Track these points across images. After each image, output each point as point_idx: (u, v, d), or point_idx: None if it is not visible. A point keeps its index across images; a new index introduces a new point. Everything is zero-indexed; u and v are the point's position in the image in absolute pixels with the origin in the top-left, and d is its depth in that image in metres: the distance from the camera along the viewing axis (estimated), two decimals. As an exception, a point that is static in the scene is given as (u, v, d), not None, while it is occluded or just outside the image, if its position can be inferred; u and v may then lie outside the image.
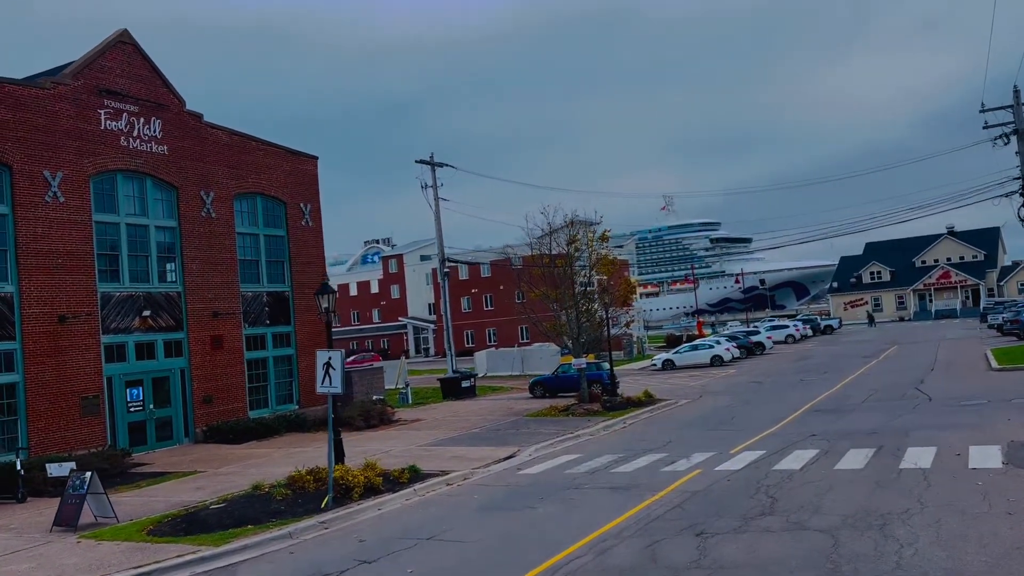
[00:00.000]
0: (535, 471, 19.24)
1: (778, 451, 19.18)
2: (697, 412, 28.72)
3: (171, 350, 28.44)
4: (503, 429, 26.72)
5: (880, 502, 13.42)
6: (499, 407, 33.72)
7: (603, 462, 19.62)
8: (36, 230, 24.25)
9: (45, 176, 24.63)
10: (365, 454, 22.65)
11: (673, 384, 40.35)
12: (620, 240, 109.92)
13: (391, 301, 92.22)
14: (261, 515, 15.39)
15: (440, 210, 43.79)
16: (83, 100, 25.99)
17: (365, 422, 29.77)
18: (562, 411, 29.83)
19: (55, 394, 24.27)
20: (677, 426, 25.39)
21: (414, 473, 18.73)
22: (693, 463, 18.46)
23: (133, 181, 27.68)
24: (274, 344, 32.37)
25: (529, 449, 22.25)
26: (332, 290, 19.85)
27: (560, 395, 36.36)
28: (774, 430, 22.82)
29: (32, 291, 24.01)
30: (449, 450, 22.89)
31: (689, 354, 51.64)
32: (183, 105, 29.47)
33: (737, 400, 31.39)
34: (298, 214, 33.87)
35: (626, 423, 27.22)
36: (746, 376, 41.82)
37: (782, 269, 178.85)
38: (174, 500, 18.18)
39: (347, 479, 16.61)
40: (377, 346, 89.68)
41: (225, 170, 30.86)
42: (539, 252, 30.77)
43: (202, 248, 29.63)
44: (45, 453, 23.33)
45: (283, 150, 33.63)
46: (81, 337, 25.17)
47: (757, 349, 58.30)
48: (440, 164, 44.21)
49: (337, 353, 16.49)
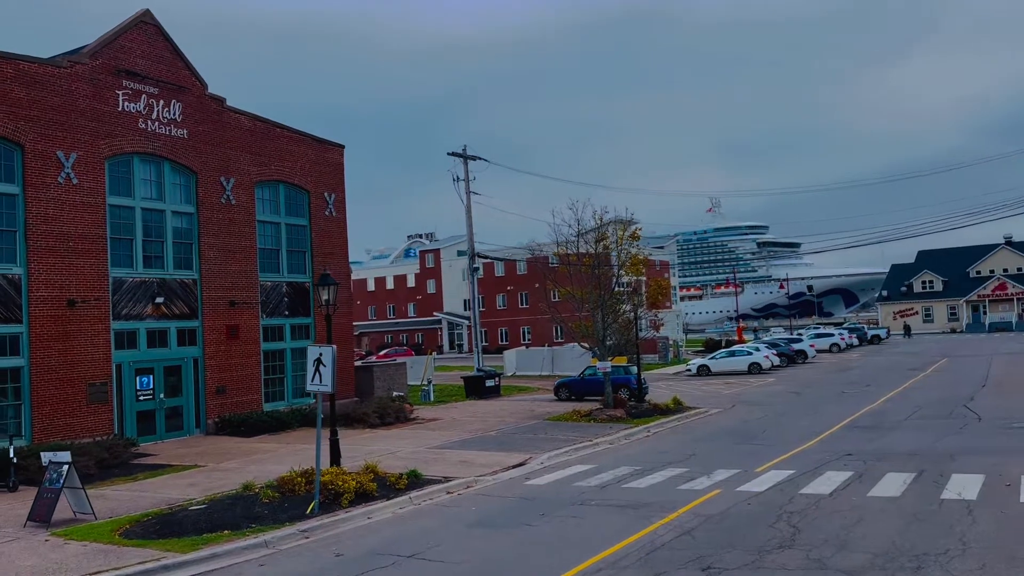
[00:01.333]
0: (543, 482, 18.01)
1: (808, 472, 17.67)
2: (727, 423, 27.20)
3: (185, 338, 27.77)
4: (519, 433, 25.52)
5: (916, 539, 11.94)
6: (520, 409, 32.52)
7: (617, 475, 18.31)
8: (47, 211, 23.70)
9: (58, 157, 24.06)
10: (370, 455, 21.68)
11: (706, 391, 38.74)
12: (661, 241, 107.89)
13: (427, 296, 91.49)
14: (241, 519, 14.42)
15: (471, 204, 42.69)
16: (101, 80, 25.40)
17: (380, 419, 28.81)
18: (584, 416, 28.53)
19: (61, 380, 23.70)
20: (703, 438, 23.93)
21: (414, 478, 17.64)
22: (713, 481, 17.06)
23: (150, 164, 27.04)
24: (292, 336, 31.58)
25: (542, 457, 21.02)
26: (334, 281, 18.86)
27: (586, 398, 35.05)
28: (806, 447, 21.27)
29: (41, 274, 23.46)
30: (458, 454, 21.77)
31: (725, 360, 49.82)
32: (205, 88, 28.79)
33: (771, 412, 29.76)
34: (322, 204, 33.04)
35: (649, 432, 25.83)
36: (784, 386, 40.02)
37: (830, 276, 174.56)
38: (161, 496, 17.35)
39: (337, 484, 15.57)
40: (412, 341, 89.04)
41: (247, 156, 30.13)
42: (566, 250, 29.48)
43: (220, 235, 28.92)
44: (49, 440, 22.76)
45: (308, 138, 32.82)
46: (90, 322, 24.58)
47: (799, 357, 56.21)
48: (472, 157, 43.10)
49: (328, 349, 15.47)
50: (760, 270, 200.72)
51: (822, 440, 22.35)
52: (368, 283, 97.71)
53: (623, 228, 29.59)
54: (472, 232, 43.40)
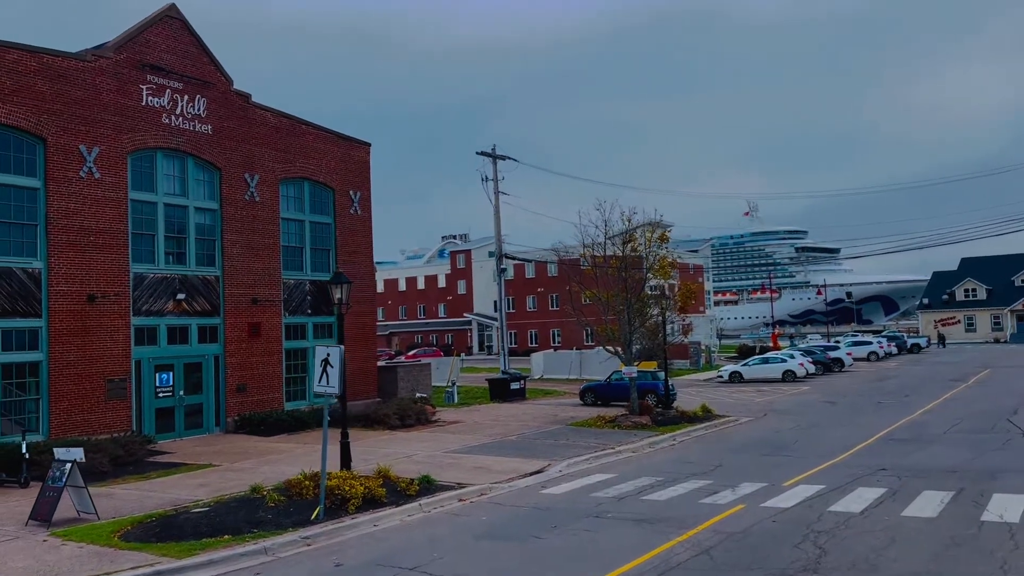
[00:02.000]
0: (559, 491, 17.35)
1: (839, 487, 16.80)
2: (757, 433, 26.28)
3: (206, 335, 27.56)
4: (540, 438, 24.87)
5: (952, 564, 11.10)
6: (544, 413, 31.86)
7: (637, 486, 17.58)
8: (68, 206, 23.59)
9: (81, 151, 23.95)
10: (386, 458, 21.18)
11: (737, 399, 37.73)
12: (696, 244, 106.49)
13: (457, 297, 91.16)
14: (243, 523, 13.98)
15: (500, 204, 42.13)
16: (125, 74, 25.27)
17: (401, 421, 28.34)
18: (608, 422, 27.79)
19: (80, 375, 23.57)
20: (730, 448, 23.08)
21: (426, 484, 17.09)
22: (738, 495, 16.27)
23: (174, 160, 26.88)
24: (315, 334, 31.26)
25: (561, 464, 20.35)
26: (347, 280, 18.42)
27: (613, 404, 34.29)
28: (838, 460, 20.34)
29: (61, 268, 23.35)
30: (476, 459, 21.19)
31: (759, 367, 48.65)
32: (230, 84, 28.58)
33: (804, 421, 28.76)
34: (347, 202, 32.70)
35: (675, 440, 25.02)
36: (818, 395, 38.86)
37: (870, 282, 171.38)
38: (169, 497, 17.00)
39: (344, 489, 15.07)
40: (442, 341, 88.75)
41: (272, 153, 29.87)
42: (592, 252, 28.76)
43: (244, 232, 28.69)
44: (66, 436, 22.66)
45: (334, 135, 32.51)
46: (110, 318, 24.44)
47: (835, 365, 54.75)
48: (501, 156, 42.55)
49: (336, 349, 14.98)
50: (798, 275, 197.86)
51: (855, 453, 21.40)
52: (399, 283, 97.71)
53: (651, 230, 28.78)
54: (500, 232, 42.84)
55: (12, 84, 22.47)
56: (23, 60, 22.78)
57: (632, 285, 28.46)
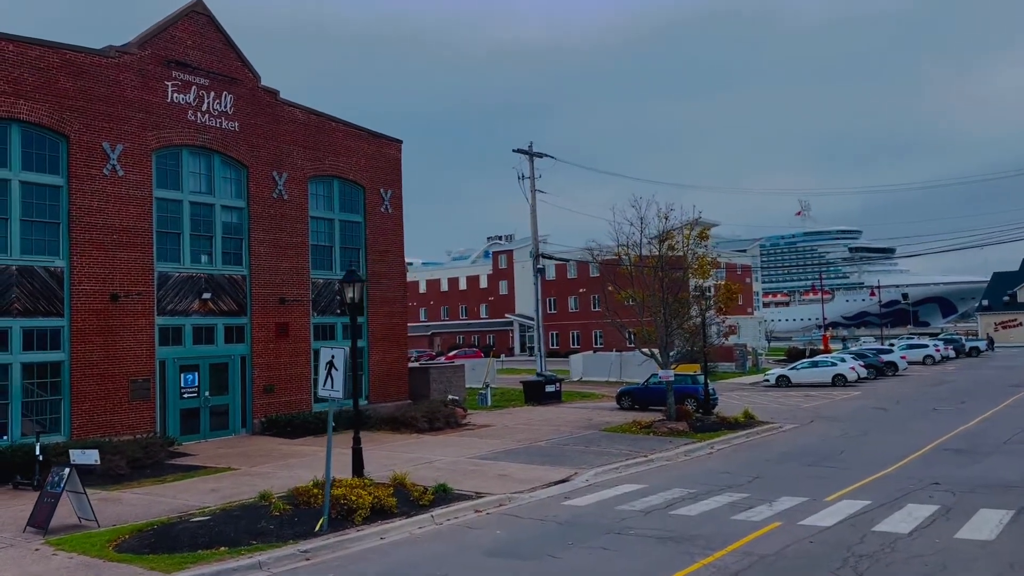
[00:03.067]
0: (583, 503, 16.34)
1: (886, 503, 15.50)
2: (801, 441, 24.90)
3: (232, 336, 27.14)
4: (570, 444, 23.85)
5: (1012, 599, 9.84)
6: (578, 417, 30.81)
7: (666, 498, 16.49)
8: (91, 203, 23.30)
9: (104, 148, 23.66)
10: (406, 463, 20.44)
11: (783, 404, 36.20)
12: (745, 244, 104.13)
13: (499, 297, 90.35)
14: (243, 534, 13.28)
15: (536, 203, 41.17)
16: (149, 71, 24.94)
17: (429, 424, 27.56)
18: (643, 428, 26.64)
19: (102, 375, 23.26)
20: (771, 458, 21.79)
21: (441, 494, 16.24)
22: (775, 511, 15.08)
23: (200, 157, 26.50)
24: (344, 335, 30.67)
25: (588, 473, 19.33)
26: (360, 278, 17.65)
27: (651, 408, 33.06)
28: (887, 472, 18.97)
29: (84, 266, 23.07)
30: (500, 466, 20.28)
31: (807, 371, 46.85)
32: (257, 80, 28.14)
33: (853, 429, 27.25)
34: (378, 200, 32.07)
35: (712, 448, 23.78)
36: (870, 400, 37.11)
37: (927, 283, 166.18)
38: (177, 503, 16.42)
39: (350, 499, 14.28)
40: (483, 342, 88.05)
41: (300, 150, 29.37)
42: (627, 251, 27.62)
43: (272, 231, 28.22)
44: (88, 437, 22.36)
45: (364, 132, 31.91)
46: (134, 317, 24.11)
47: (888, 369, 52.62)
48: (538, 154, 41.59)
49: (340, 350, 14.22)
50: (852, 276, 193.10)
51: (906, 464, 19.97)
52: (441, 283, 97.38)
53: (689, 227, 27.54)
54: (536, 231, 41.88)
55: (34, 81, 22.24)
56: (45, 56, 22.54)
57: (669, 285, 27.26)
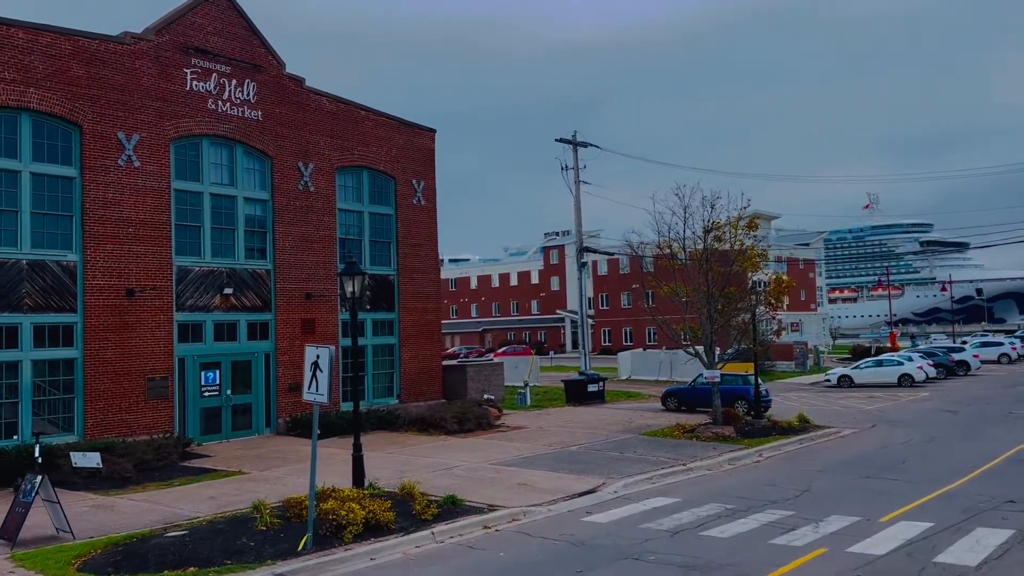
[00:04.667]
0: (605, 519, 14.73)
1: (951, 526, 13.52)
2: (859, 449, 22.79)
3: (256, 332, 26.20)
4: (604, 450, 22.19)
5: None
6: (619, 419, 29.07)
7: (699, 516, 14.77)
8: (106, 195, 22.54)
9: (119, 138, 22.88)
10: (423, 469, 19.15)
11: (843, 406, 33.86)
12: (809, 238, 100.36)
13: (551, 293, 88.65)
14: (217, 553, 12.05)
15: (581, 195, 39.45)
16: (167, 58, 24.09)
17: (459, 425, 26.18)
18: (687, 432, 24.81)
19: (117, 373, 22.50)
20: (824, 468, 19.81)
21: (449, 507, 14.83)
22: (820, 534, 13.24)
23: (221, 148, 25.59)
24: (374, 331, 29.53)
25: (618, 483, 17.68)
26: (359, 271, 16.37)
27: (698, 410, 31.19)
28: (955, 487, 16.89)
29: (98, 261, 22.32)
30: (523, 473, 18.76)
31: (871, 370, 44.13)
32: (282, 68, 27.13)
33: (918, 435, 24.98)
34: (409, 191, 30.83)
35: (760, 456, 21.86)
36: (938, 402, 34.50)
37: (1003, 278, 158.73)
38: (168, 512, 15.35)
39: (339, 513, 12.94)
40: (534, 339, 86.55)
41: (327, 140, 28.28)
42: (669, 241, 25.78)
43: (297, 224, 27.20)
44: (102, 437, 21.63)
45: (396, 121, 30.68)
46: (151, 313, 23.31)
47: (959, 369, 49.44)
48: (583, 143, 39.86)
49: (326, 349, 12.89)
50: (922, 271, 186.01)
51: (976, 478, 17.82)
52: (493, 279, 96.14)
53: (737, 217, 25.55)
54: (580, 223, 40.18)
55: (46, 69, 21.53)
56: (57, 43, 21.82)
57: (715, 279, 25.35)
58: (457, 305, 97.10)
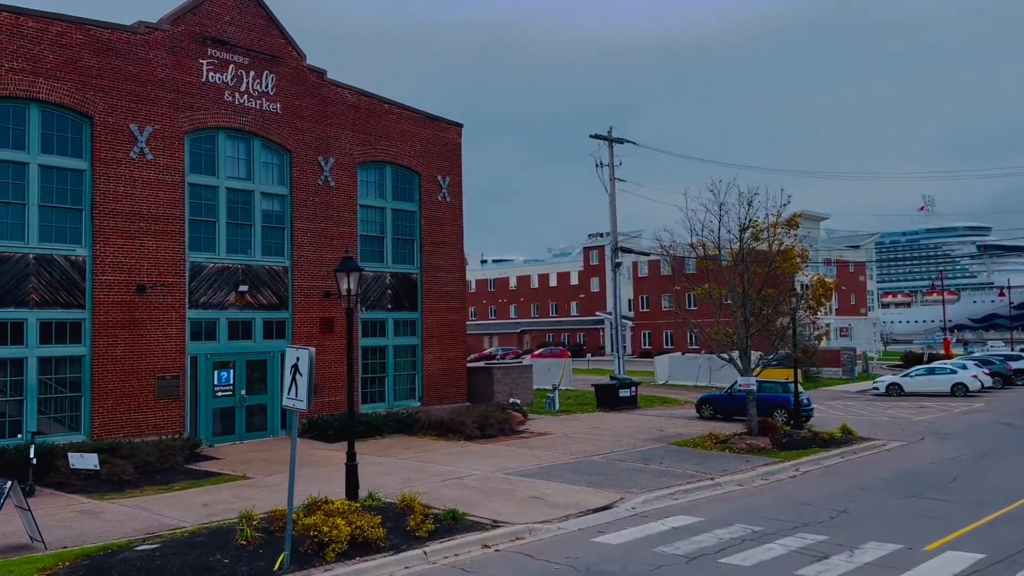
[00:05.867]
0: (617, 540, 13.50)
1: (1005, 559, 12.03)
2: (906, 464, 21.16)
3: (272, 331, 25.45)
4: (628, 460, 20.89)
5: None
6: (649, 427, 27.69)
7: (721, 539, 13.46)
8: (117, 189, 21.95)
9: (131, 130, 22.28)
10: (433, 477, 18.15)
11: (891, 416, 32.00)
12: (858, 240, 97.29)
13: (590, 294, 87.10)
14: (185, 570, 11.13)
15: (616, 192, 38.13)
16: (182, 48, 23.45)
17: (480, 431, 25.09)
18: (719, 443, 23.38)
19: (127, 371, 21.89)
20: (865, 485, 18.28)
21: (450, 521, 13.75)
22: (855, 564, 11.86)
23: (238, 141, 24.89)
24: (396, 332, 28.62)
25: (637, 499, 16.41)
26: (356, 267, 15.38)
27: (735, 418, 29.64)
28: (1010, 510, 15.30)
29: (108, 256, 21.74)
30: (536, 485, 17.59)
31: (922, 379, 41.97)
32: (302, 59, 26.35)
33: (970, 449, 23.21)
34: (434, 187, 29.86)
35: (797, 471, 20.36)
36: (994, 414, 32.44)
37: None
38: (155, 520, 14.53)
39: (321, 530, 11.92)
40: (573, 340, 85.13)
41: (349, 134, 27.44)
42: (701, 240, 24.38)
43: (316, 220, 26.40)
44: (110, 437, 21.04)
45: (421, 115, 29.74)
46: (162, 310, 22.67)
47: (1017, 378, 46.94)
48: (618, 140, 38.51)
49: (306, 352, 11.91)
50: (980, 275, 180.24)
51: (1036, 502, 16.15)
52: (532, 280, 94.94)
53: (776, 214, 24.05)
54: (615, 222, 38.82)
55: (56, 59, 21.00)
56: (68, 33, 21.28)
57: (752, 280, 23.89)
58: (496, 306, 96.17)
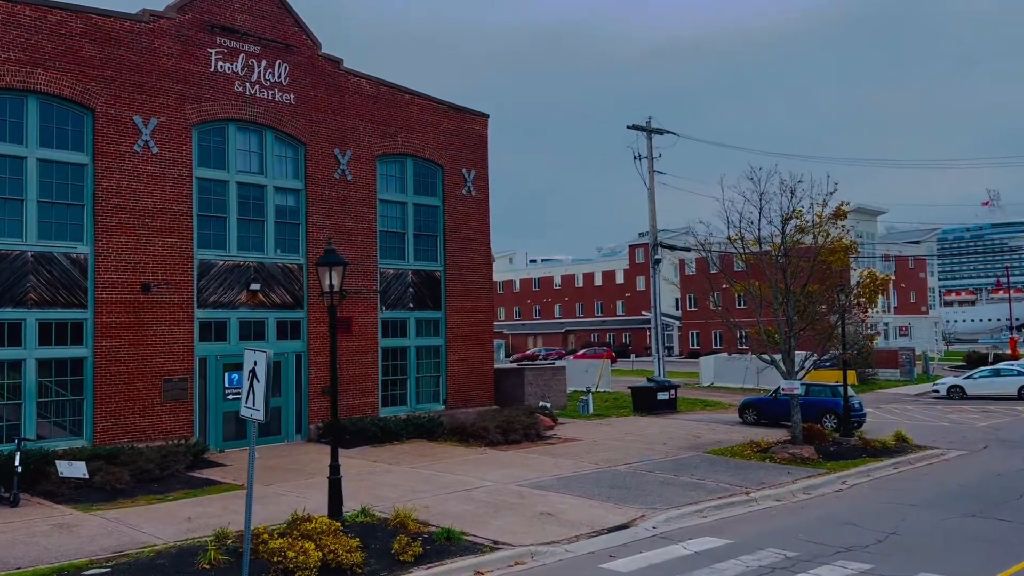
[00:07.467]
0: (628, 567, 11.94)
1: (1086, 599, 10.15)
2: (966, 476, 19.11)
3: (286, 331, 24.41)
4: (656, 471, 19.24)
5: None
6: (685, 433, 25.94)
7: (748, 566, 11.80)
8: (120, 183, 21.09)
9: (135, 122, 21.40)
10: (441, 488, 16.87)
11: (952, 422, 29.68)
12: (919, 235, 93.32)
13: (636, 293, 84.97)
14: (133, 599, 9.94)
15: (655, 186, 36.37)
16: (190, 37, 22.53)
17: (503, 436, 23.65)
18: (760, 451, 21.58)
19: (131, 374, 21.01)
20: (919, 502, 16.37)
21: (443, 542, 12.37)
22: (902, 602, 10.11)
23: (249, 134, 23.89)
24: (418, 332, 27.37)
25: (659, 517, 14.80)
26: (340, 261, 14.02)
27: (781, 424, 27.70)
28: (1090, 538, 13.28)
29: (110, 253, 20.89)
30: (550, 499, 16.10)
31: (986, 380, 39.27)
32: (317, 48, 25.27)
33: (1041, 461, 21.02)
34: (459, 181, 28.54)
35: (844, 484, 18.48)
36: (1067, 420, 29.86)
37: None
38: (124, 538, 13.40)
39: (287, 556, 10.62)
40: (619, 341, 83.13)
41: (367, 126, 26.28)
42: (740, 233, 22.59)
43: (333, 215, 25.29)
44: (113, 442, 20.18)
45: (444, 105, 28.45)
46: (169, 309, 21.76)
47: (1092, 381, 43.61)
48: (657, 130, 36.76)
49: (263, 355, 10.63)
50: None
51: (1120, 526, 14.10)
52: (576, 279, 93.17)
53: (823, 203, 22.13)
54: (654, 216, 37.12)
55: (55, 48, 20.20)
56: (68, 21, 20.47)
57: (795, 275, 22.04)
58: (540, 305, 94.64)
